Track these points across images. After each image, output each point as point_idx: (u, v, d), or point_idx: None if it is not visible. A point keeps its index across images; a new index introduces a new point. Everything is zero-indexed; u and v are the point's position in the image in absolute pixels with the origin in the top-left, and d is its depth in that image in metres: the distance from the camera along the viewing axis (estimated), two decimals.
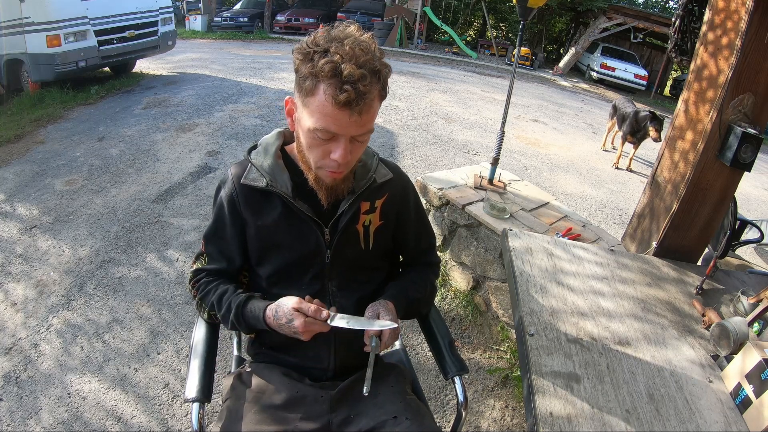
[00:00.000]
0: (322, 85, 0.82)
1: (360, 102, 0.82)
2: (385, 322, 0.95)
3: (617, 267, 1.48)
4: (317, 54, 0.82)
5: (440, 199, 2.50)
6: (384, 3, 13.26)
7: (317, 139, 0.87)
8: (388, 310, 1.00)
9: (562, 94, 9.98)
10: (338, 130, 0.85)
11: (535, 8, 2.39)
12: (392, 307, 1.02)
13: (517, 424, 1.84)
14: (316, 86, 0.83)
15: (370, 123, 0.88)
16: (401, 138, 4.93)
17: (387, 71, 0.88)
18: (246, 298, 1.00)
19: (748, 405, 0.97)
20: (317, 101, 0.83)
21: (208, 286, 1.05)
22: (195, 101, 5.58)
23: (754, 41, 1.35)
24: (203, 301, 1.05)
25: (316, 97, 0.83)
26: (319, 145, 0.88)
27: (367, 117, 0.85)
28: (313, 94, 0.83)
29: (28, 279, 2.43)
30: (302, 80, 0.84)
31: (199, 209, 3.19)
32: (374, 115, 0.88)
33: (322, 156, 0.90)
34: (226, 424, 0.96)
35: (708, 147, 1.49)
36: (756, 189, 5.60)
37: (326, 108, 0.83)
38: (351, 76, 0.80)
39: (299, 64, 0.85)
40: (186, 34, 12.13)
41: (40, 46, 5.07)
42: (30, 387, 1.82)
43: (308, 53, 0.83)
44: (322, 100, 0.82)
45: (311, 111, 0.85)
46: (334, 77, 0.80)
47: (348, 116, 0.83)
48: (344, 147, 0.87)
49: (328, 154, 0.89)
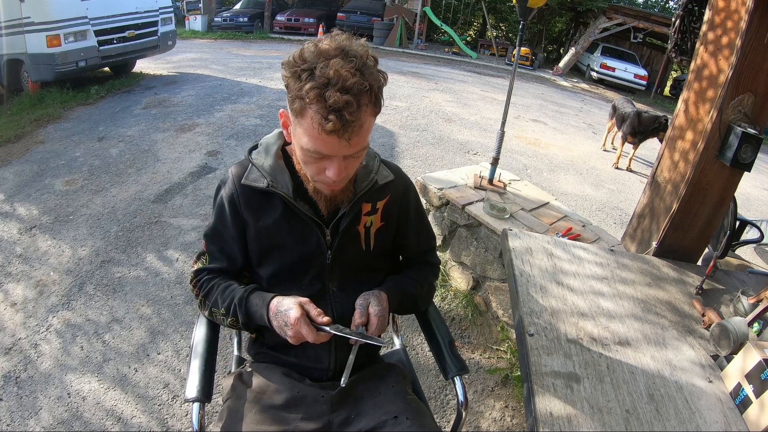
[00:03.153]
0: (309, 110, 0.80)
1: (348, 129, 0.80)
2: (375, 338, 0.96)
3: (617, 267, 1.48)
4: (304, 73, 0.80)
5: (440, 199, 2.50)
6: (384, 3, 13.26)
7: (311, 157, 0.87)
8: (380, 300, 1.00)
9: (562, 94, 9.98)
10: (329, 152, 0.85)
11: (535, 8, 2.40)
12: (385, 298, 1.02)
13: (517, 424, 1.84)
14: (304, 109, 0.81)
15: (363, 141, 0.87)
16: (401, 138, 4.93)
17: (380, 83, 0.85)
18: (255, 287, 1.01)
19: (748, 405, 0.97)
20: (306, 124, 0.82)
21: (210, 283, 1.05)
22: (195, 101, 5.58)
23: (754, 41, 1.35)
24: (206, 298, 1.04)
25: (305, 119, 0.82)
26: (314, 162, 0.88)
27: (357, 139, 0.84)
28: (302, 116, 0.83)
29: (28, 279, 2.43)
30: (291, 100, 0.83)
31: (199, 209, 3.19)
32: (366, 134, 0.87)
33: (317, 172, 0.90)
34: (226, 424, 0.96)
35: (708, 147, 1.49)
36: (756, 189, 5.60)
37: (315, 133, 0.82)
38: (336, 104, 0.77)
39: (288, 81, 0.84)
40: (186, 34, 12.13)
41: (40, 46, 5.07)
42: (30, 387, 1.82)
43: (295, 72, 0.82)
44: (310, 125, 0.81)
45: (302, 131, 0.84)
46: (320, 103, 0.79)
47: (337, 141, 0.82)
48: (337, 166, 0.87)
49: (323, 171, 0.89)
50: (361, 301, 1.00)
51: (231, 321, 1.01)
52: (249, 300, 0.98)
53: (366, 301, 1.00)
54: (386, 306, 1.01)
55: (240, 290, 1.00)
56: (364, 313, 0.98)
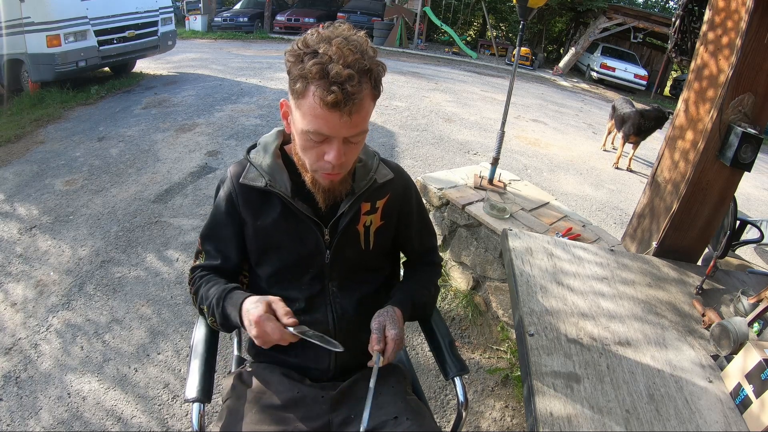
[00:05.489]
0: (311, 86, 0.81)
1: (348, 102, 0.81)
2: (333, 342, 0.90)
3: (617, 267, 1.48)
4: (307, 56, 0.82)
5: (440, 199, 2.50)
6: (384, 3, 13.27)
7: (310, 141, 0.87)
8: (395, 320, 0.98)
9: (562, 94, 9.98)
10: (330, 132, 0.85)
11: (535, 8, 2.40)
12: (399, 314, 1.01)
13: (517, 424, 1.84)
14: (306, 88, 0.82)
15: (363, 123, 0.87)
16: (401, 138, 4.92)
17: (379, 69, 0.86)
18: (236, 286, 1.00)
19: (748, 405, 0.97)
20: (307, 103, 0.83)
21: (200, 281, 1.05)
22: (195, 101, 5.58)
23: (754, 41, 1.35)
24: (196, 295, 1.05)
25: (307, 99, 0.83)
26: (313, 147, 0.88)
27: (358, 117, 0.84)
28: (303, 96, 0.83)
29: (28, 279, 2.43)
30: (293, 82, 0.84)
31: (199, 209, 3.19)
32: (366, 116, 0.87)
33: (316, 158, 0.90)
34: (226, 424, 0.96)
35: (708, 147, 1.49)
36: (756, 189, 5.60)
37: (316, 110, 0.82)
38: (338, 76, 0.79)
39: (291, 66, 0.85)
40: (186, 34, 12.13)
41: (40, 46, 5.07)
42: (30, 387, 1.81)
43: (298, 55, 0.83)
44: (312, 102, 0.82)
45: (303, 113, 0.85)
46: (322, 78, 0.80)
47: (338, 117, 0.82)
48: (337, 148, 0.87)
49: (322, 156, 0.89)
50: (377, 325, 0.97)
51: (211, 321, 1.01)
52: (226, 299, 0.97)
53: (381, 324, 0.97)
54: (402, 325, 1.00)
55: (220, 289, 0.99)
56: (381, 338, 0.96)
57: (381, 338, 0.96)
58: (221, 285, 1.01)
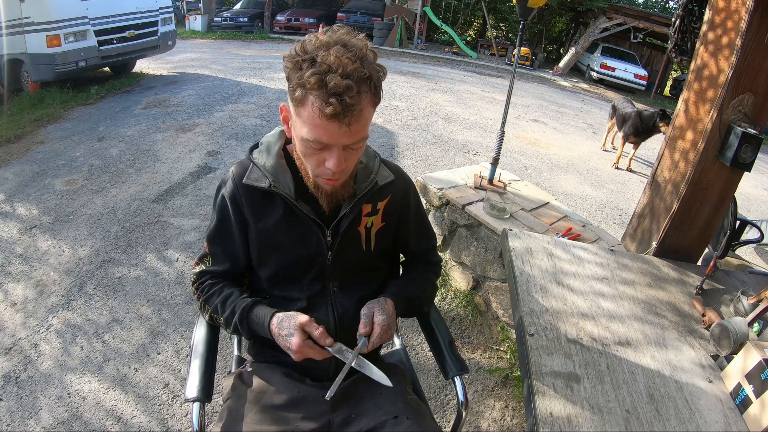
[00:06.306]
0: (310, 96, 0.81)
1: (348, 114, 0.81)
2: (383, 376, 0.95)
3: (617, 267, 1.48)
4: (305, 63, 0.81)
5: (440, 199, 2.50)
6: (384, 3, 13.26)
7: (310, 148, 0.87)
8: (385, 309, 1.00)
9: (562, 94, 9.98)
10: (329, 141, 0.85)
11: (535, 8, 2.40)
12: (391, 304, 1.02)
13: (517, 424, 1.84)
14: (304, 97, 0.82)
15: (363, 131, 0.87)
16: (401, 138, 4.93)
17: (380, 75, 0.86)
18: (252, 302, 0.99)
19: (748, 405, 0.97)
20: (307, 112, 0.83)
21: (212, 289, 1.04)
22: (195, 101, 5.58)
23: (754, 41, 1.35)
24: (207, 303, 1.04)
25: (306, 108, 0.83)
26: (313, 154, 0.88)
27: (357, 126, 0.84)
28: (302, 104, 0.83)
29: (28, 279, 2.43)
30: (292, 90, 0.84)
31: (199, 209, 3.19)
32: (366, 123, 0.87)
33: (317, 164, 0.90)
34: (226, 424, 0.96)
35: (708, 147, 1.49)
36: (756, 189, 5.60)
37: (315, 120, 0.82)
38: (336, 87, 0.78)
39: (289, 73, 0.84)
40: (186, 34, 12.13)
41: (40, 46, 5.07)
42: (30, 387, 1.81)
43: (297, 62, 0.83)
44: (311, 111, 0.82)
45: (303, 121, 0.85)
46: (321, 89, 0.79)
47: (338, 128, 0.82)
48: (337, 156, 0.87)
49: (323, 163, 0.89)
50: (366, 311, 0.99)
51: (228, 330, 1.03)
52: (249, 320, 0.98)
53: (370, 310, 0.99)
54: (392, 313, 1.01)
55: (240, 305, 0.99)
56: (368, 323, 0.97)
57: (369, 323, 0.97)
58: (235, 298, 1.01)
